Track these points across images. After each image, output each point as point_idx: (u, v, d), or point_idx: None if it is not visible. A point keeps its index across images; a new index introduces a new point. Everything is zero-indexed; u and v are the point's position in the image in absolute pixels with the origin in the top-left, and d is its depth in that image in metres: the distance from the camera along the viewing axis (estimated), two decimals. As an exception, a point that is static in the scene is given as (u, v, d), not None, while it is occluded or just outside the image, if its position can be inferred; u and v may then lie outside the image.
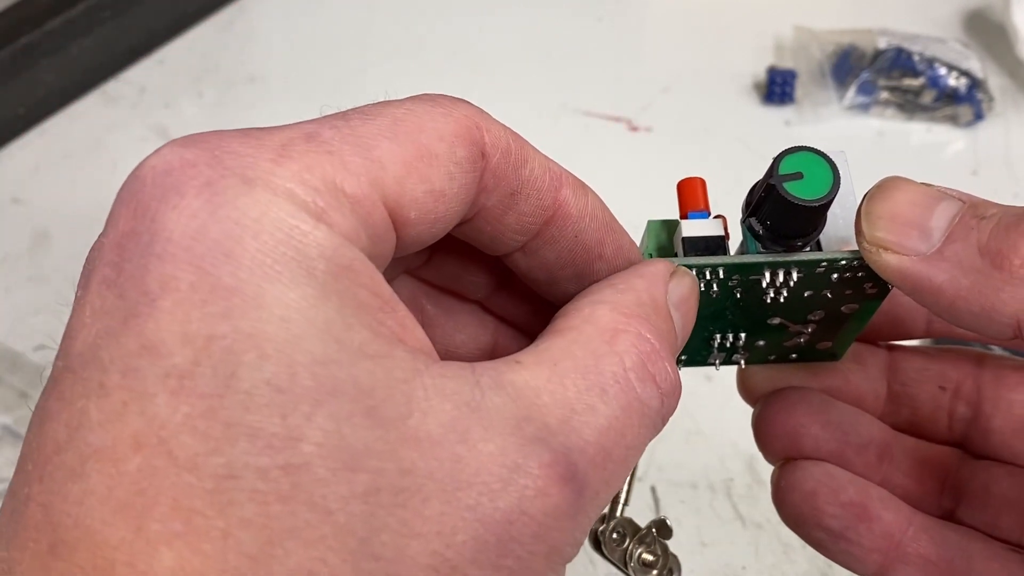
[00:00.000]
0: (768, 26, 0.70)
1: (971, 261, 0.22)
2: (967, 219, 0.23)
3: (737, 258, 0.24)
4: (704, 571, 0.46)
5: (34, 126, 0.64)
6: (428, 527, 0.17)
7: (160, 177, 0.18)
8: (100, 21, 0.65)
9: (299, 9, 0.72)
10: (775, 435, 0.29)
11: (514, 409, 0.18)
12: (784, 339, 0.28)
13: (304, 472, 0.16)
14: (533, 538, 0.17)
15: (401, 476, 0.17)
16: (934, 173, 0.71)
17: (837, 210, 0.25)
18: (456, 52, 0.69)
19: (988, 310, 0.22)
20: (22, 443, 0.17)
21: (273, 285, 0.17)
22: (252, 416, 0.16)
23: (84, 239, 0.68)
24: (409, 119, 0.20)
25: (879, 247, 0.23)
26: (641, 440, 0.20)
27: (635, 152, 0.63)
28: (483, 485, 0.17)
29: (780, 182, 0.23)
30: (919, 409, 0.29)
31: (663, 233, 0.26)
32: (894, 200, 0.23)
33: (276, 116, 0.73)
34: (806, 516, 0.28)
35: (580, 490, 0.18)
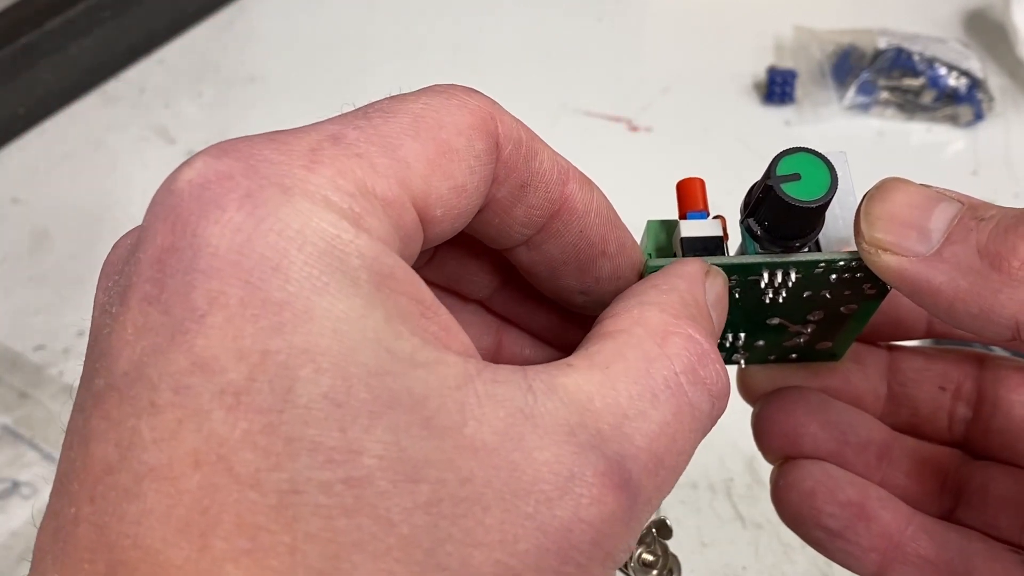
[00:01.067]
0: (768, 26, 0.70)
1: (970, 262, 0.22)
2: (966, 220, 0.23)
3: (735, 258, 0.24)
4: (704, 571, 0.46)
5: (34, 126, 0.64)
6: (490, 536, 0.17)
7: (197, 190, 0.18)
8: (100, 21, 0.65)
9: (299, 9, 0.72)
10: (774, 434, 0.29)
11: (567, 414, 0.18)
12: (784, 339, 0.28)
13: (366, 485, 0.16)
14: (591, 545, 0.18)
15: (461, 486, 0.17)
16: (934, 173, 0.71)
17: (837, 210, 0.25)
18: (456, 52, 0.69)
19: (987, 311, 0.22)
20: (58, 463, 0.17)
21: (322, 297, 0.17)
22: (312, 430, 0.16)
23: (84, 239, 0.68)
24: (428, 115, 0.20)
25: (878, 248, 0.23)
26: (691, 444, 0.20)
27: (635, 152, 0.63)
28: (541, 493, 0.17)
29: (778, 183, 0.23)
30: (919, 409, 0.29)
31: (662, 233, 0.26)
32: (893, 201, 0.23)
33: (276, 116, 0.74)
34: (805, 515, 0.28)
35: (634, 497, 0.18)
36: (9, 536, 0.47)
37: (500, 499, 0.17)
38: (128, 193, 0.61)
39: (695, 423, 0.20)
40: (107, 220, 0.60)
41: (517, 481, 0.17)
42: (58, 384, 0.52)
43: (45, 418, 0.50)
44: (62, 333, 0.54)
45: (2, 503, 0.48)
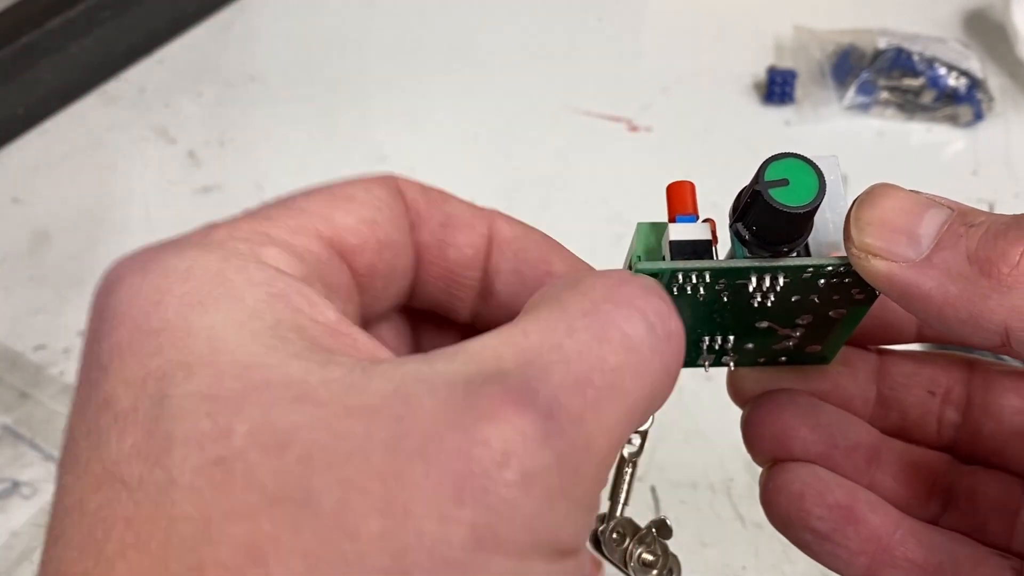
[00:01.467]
0: (768, 26, 0.70)
1: (959, 268, 0.22)
2: (956, 226, 0.23)
3: (723, 263, 0.24)
4: (704, 571, 0.46)
5: (34, 126, 0.64)
6: (373, 481, 0.16)
7: (108, 277, 0.20)
8: (100, 21, 0.65)
9: (299, 9, 0.72)
10: (763, 437, 0.29)
11: (466, 369, 0.17)
12: (773, 342, 0.28)
13: (237, 459, 0.17)
14: (498, 466, 0.16)
15: (336, 440, 0.17)
16: (934, 173, 0.71)
17: (828, 214, 0.25)
18: (456, 52, 0.69)
19: (976, 317, 0.22)
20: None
21: (201, 316, 0.18)
22: (184, 424, 0.17)
23: (84, 239, 0.68)
24: (322, 188, 0.22)
25: (868, 253, 0.23)
26: (629, 366, 0.18)
27: (635, 152, 0.63)
28: (429, 431, 0.17)
29: (765, 188, 0.23)
30: (908, 413, 0.29)
31: (651, 236, 0.26)
32: (883, 207, 0.23)
33: (276, 116, 0.74)
34: (793, 517, 0.28)
35: (548, 414, 0.17)
36: (9, 536, 0.47)
37: (383, 446, 0.16)
38: (128, 193, 0.61)
39: (629, 343, 0.19)
40: (107, 220, 0.60)
41: (402, 427, 0.17)
42: (58, 384, 0.52)
43: (45, 418, 0.51)
44: (62, 333, 0.54)
45: (2, 503, 0.48)
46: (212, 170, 0.62)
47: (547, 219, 0.63)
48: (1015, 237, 0.22)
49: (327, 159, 0.63)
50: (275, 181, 0.62)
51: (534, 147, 0.64)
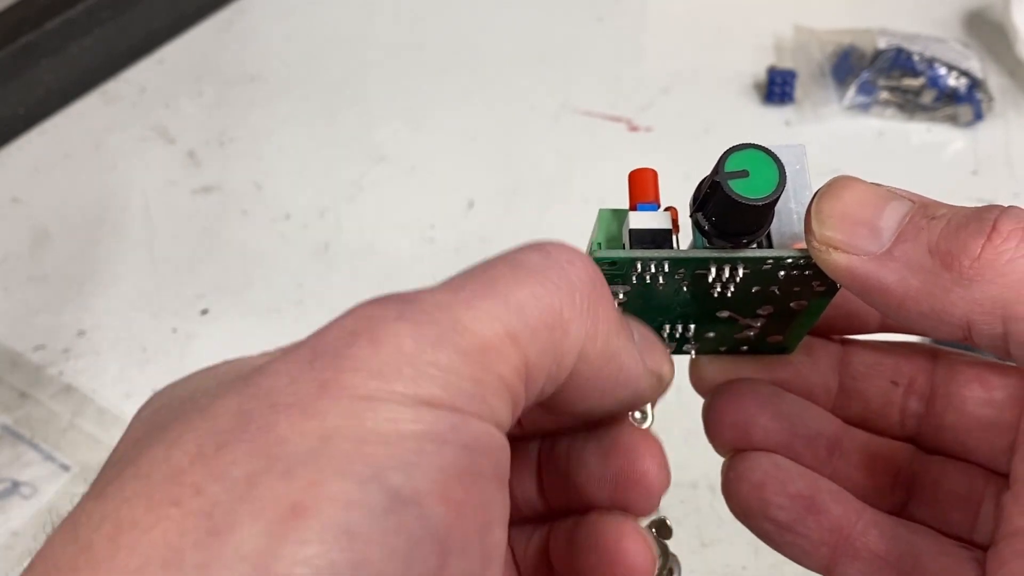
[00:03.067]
0: (768, 26, 0.70)
1: (921, 261, 0.22)
2: (917, 219, 0.23)
3: (681, 252, 0.24)
4: (704, 571, 0.46)
5: (34, 126, 0.64)
6: (295, 411, 0.17)
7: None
8: (100, 21, 0.65)
9: (299, 9, 0.72)
10: (724, 425, 0.28)
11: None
12: (734, 331, 0.28)
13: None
14: (364, 376, 0.18)
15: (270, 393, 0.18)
16: (934, 173, 0.71)
17: (792, 205, 0.25)
18: (456, 52, 0.69)
19: (938, 311, 0.22)
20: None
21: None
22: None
23: (84, 239, 0.68)
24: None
25: (828, 246, 0.23)
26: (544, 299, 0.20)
27: (635, 152, 0.63)
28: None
29: (725, 179, 0.23)
30: (870, 403, 0.28)
31: (613, 223, 0.26)
32: (844, 199, 0.23)
33: (276, 116, 0.74)
34: (754, 507, 0.27)
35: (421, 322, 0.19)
36: (9, 536, 0.47)
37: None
38: (128, 193, 0.61)
39: (518, 268, 0.20)
40: (107, 220, 0.60)
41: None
42: (58, 384, 0.52)
43: (45, 418, 0.50)
44: (62, 333, 0.54)
45: (2, 503, 0.48)
46: (212, 170, 0.62)
47: (547, 219, 0.64)
48: (976, 229, 0.22)
49: (327, 159, 0.63)
50: (275, 181, 0.62)
51: (534, 147, 0.64)
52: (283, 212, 0.60)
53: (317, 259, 0.58)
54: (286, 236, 0.59)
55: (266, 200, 0.61)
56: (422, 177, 0.62)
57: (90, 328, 0.54)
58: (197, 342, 0.54)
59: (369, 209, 0.60)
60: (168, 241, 0.59)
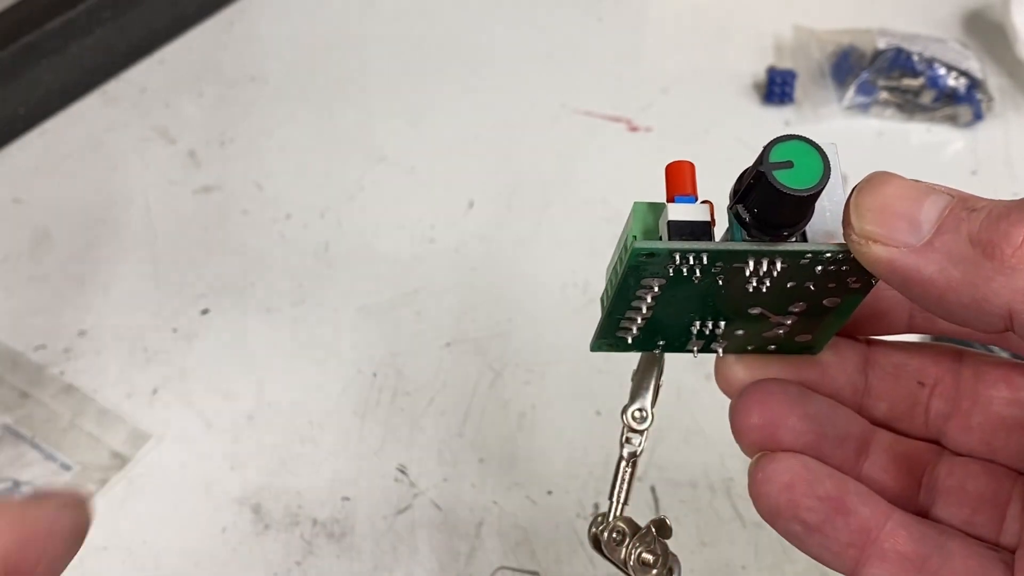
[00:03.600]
0: (768, 26, 0.70)
1: (961, 252, 0.22)
2: (957, 211, 0.23)
3: (722, 245, 0.24)
4: (704, 571, 0.46)
5: (34, 126, 0.64)
6: None
7: None
8: (100, 21, 0.65)
9: (299, 9, 0.72)
10: (751, 426, 0.28)
11: None
12: (763, 329, 0.28)
13: None
14: None
15: None
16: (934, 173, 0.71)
17: (825, 202, 0.25)
18: (456, 52, 0.69)
19: (979, 300, 0.22)
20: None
21: None
22: None
23: (84, 239, 0.68)
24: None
25: (868, 239, 0.23)
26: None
27: (635, 152, 0.63)
28: None
29: (770, 170, 0.23)
30: (896, 404, 0.29)
31: (650, 216, 0.26)
32: (883, 193, 0.23)
33: (276, 116, 0.74)
34: (782, 508, 0.27)
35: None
36: (10, 536, 0.47)
37: None
38: (128, 193, 0.61)
39: None
40: (107, 220, 0.60)
41: None
42: (59, 384, 0.52)
43: (46, 418, 0.51)
44: (62, 333, 0.54)
45: (3, 503, 0.48)
46: (212, 170, 0.62)
47: (547, 219, 0.64)
48: (1017, 219, 0.22)
49: (327, 159, 0.63)
50: (275, 181, 0.62)
51: (534, 147, 0.64)
52: (283, 212, 0.60)
53: (317, 259, 0.58)
54: (286, 236, 0.59)
55: (266, 200, 0.61)
56: (422, 177, 0.62)
57: (91, 328, 0.55)
58: (198, 342, 0.54)
59: (369, 209, 0.60)
60: (168, 241, 0.59)
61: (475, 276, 0.57)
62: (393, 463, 0.50)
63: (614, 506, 0.31)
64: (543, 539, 0.47)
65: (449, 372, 0.53)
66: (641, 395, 0.31)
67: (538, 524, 0.47)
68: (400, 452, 0.50)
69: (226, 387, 0.52)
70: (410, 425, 0.51)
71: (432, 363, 0.53)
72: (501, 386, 0.52)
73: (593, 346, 0.30)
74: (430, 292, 0.56)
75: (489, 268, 0.57)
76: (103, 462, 0.49)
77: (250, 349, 0.54)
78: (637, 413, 0.31)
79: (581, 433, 0.50)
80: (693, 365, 0.31)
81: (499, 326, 0.54)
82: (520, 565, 0.46)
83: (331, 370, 0.53)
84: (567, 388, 0.52)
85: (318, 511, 0.48)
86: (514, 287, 0.56)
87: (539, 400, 0.51)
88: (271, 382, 0.53)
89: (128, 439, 0.50)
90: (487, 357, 0.53)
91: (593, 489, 0.48)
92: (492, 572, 0.46)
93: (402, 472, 0.49)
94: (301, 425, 0.51)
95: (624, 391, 0.31)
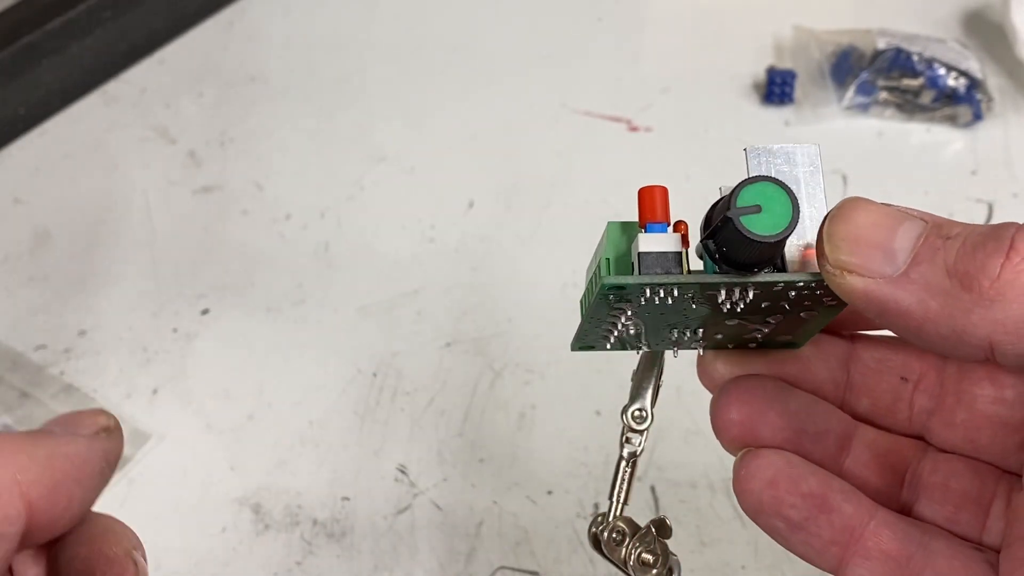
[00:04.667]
0: (768, 26, 0.70)
1: (939, 283, 0.22)
2: (932, 239, 0.22)
3: (692, 277, 0.24)
4: (704, 571, 0.46)
5: (34, 126, 0.64)
6: None
7: None
8: (100, 21, 0.65)
9: (299, 9, 0.72)
10: (731, 422, 0.28)
11: None
12: (743, 332, 0.28)
13: None
14: None
15: None
16: (933, 173, 0.71)
17: (806, 209, 0.25)
18: (456, 52, 0.69)
19: (959, 332, 0.22)
20: None
21: None
22: None
23: (84, 239, 0.68)
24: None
25: (842, 269, 0.23)
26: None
27: (635, 152, 0.63)
28: None
29: (737, 215, 0.22)
30: (879, 399, 0.29)
31: (622, 238, 0.26)
32: (856, 222, 0.23)
33: (276, 116, 0.74)
34: (765, 505, 0.27)
35: None
36: (10, 535, 0.47)
37: None
38: (128, 193, 0.61)
39: None
40: (108, 220, 0.60)
41: None
42: (59, 384, 0.52)
43: (46, 418, 0.51)
44: (62, 333, 0.54)
45: None
46: (212, 170, 0.62)
47: (547, 219, 0.64)
48: (994, 249, 0.22)
49: (327, 159, 0.63)
50: (275, 181, 0.62)
51: (534, 147, 0.64)
52: (283, 212, 0.60)
53: (317, 259, 0.58)
54: (286, 236, 0.59)
55: (266, 200, 0.61)
56: (422, 177, 0.62)
57: (91, 328, 0.55)
58: (198, 342, 0.54)
59: (369, 209, 0.60)
60: (168, 241, 0.59)
61: (475, 276, 0.57)
62: (393, 463, 0.50)
63: (614, 506, 0.31)
64: (543, 539, 0.47)
65: (449, 372, 0.53)
66: (641, 395, 0.31)
67: (538, 524, 0.47)
68: (400, 452, 0.50)
69: (226, 387, 0.52)
70: (410, 425, 0.51)
71: (432, 363, 0.53)
72: (501, 386, 0.52)
73: (573, 346, 0.30)
74: (430, 292, 0.56)
75: (489, 268, 0.57)
76: (103, 462, 0.49)
77: (250, 349, 0.54)
78: (637, 413, 0.31)
79: (581, 433, 0.50)
80: (693, 365, 0.31)
81: (499, 326, 0.54)
82: (520, 565, 0.46)
83: (331, 370, 0.53)
84: (567, 388, 0.52)
85: (318, 511, 0.48)
86: (514, 287, 0.56)
87: (539, 400, 0.52)
88: (271, 382, 0.53)
89: (128, 439, 0.50)
90: (487, 357, 0.53)
91: (593, 489, 0.48)
92: (492, 572, 0.46)
93: (402, 472, 0.49)
94: (301, 425, 0.51)
95: (624, 391, 0.31)
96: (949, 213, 0.61)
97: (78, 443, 0.25)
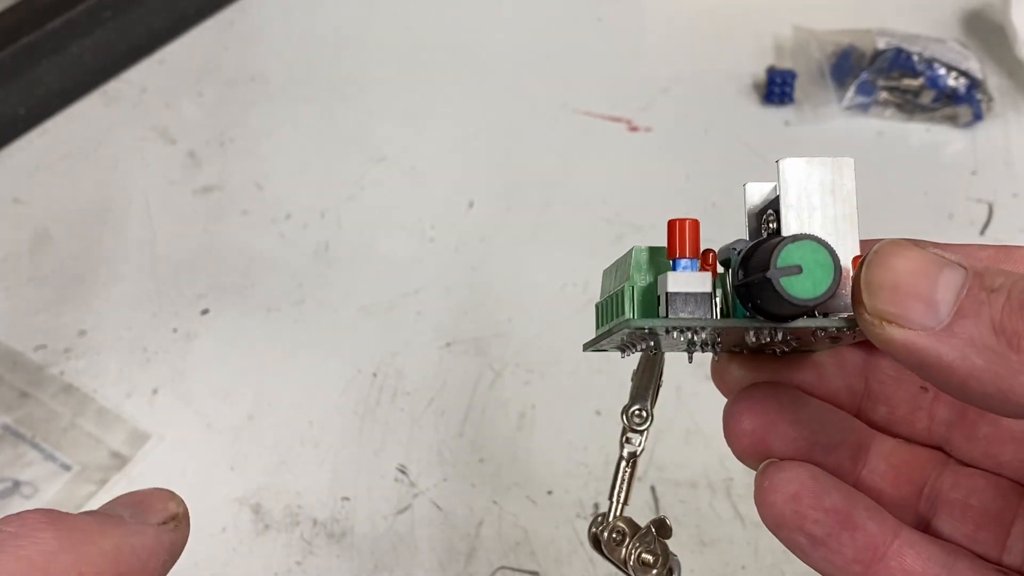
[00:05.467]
0: (768, 26, 0.70)
1: (985, 340, 0.21)
2: (976, 291, 0.21)
3: (724, 323, 0.23)
4: (704, 571, 0.46)
5: (35, 126, 0.64)
6: None
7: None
8: (101, 21, 0.65)
9: (299, 9, 0.72)
10: (742, 432, 0.28)
11: None
12: (763, 348, 0.28)
13: None
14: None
15: None
16: (933, 173, 0.71)
17: (836, 216, 0.24)
18: (456, 52, 0.69)
19: (1005, 391, 0.21)
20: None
21: None
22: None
23: (84, 239, 0.68)
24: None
25: (882, 319, 0.22)
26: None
27: (635, 152, 0.63)
28: None
29: (777, 277, 0.22)
30: (896, 408, 0.28)
31: (650, 268, 0.25)
32: (894, 269, 0.22)
33: (276, 116, 0.74)
34: (788, 519, 0.26)
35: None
36: (10, 536, 0.47)
37: None
38: (128, 193, 0.61)
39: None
40: (107, 220, 0.60)
41: None
42: (59, 384, 0.52)
43: (46, 417, 0.51)
44: (62, 333, 0.54)
45: (3, 503, 0.48)
46: (212, 170, 0.62)
47: (547, 219, 0.64)
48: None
49: (327, 159, 0.63)
50: (275, 181, 0.62)
51: (534, 147, 0.64)
52: (283, 212, 0.60)
53: (317, 259, 0.58)
54: (286, 236, 0.59)
55: (266, 200, 0.61)
56: (422, 177, 0.62)
57: (91, 328, 0.55)
58: (197, 342, 0.54)
59: (369, 209, 0.60)
60: (168, 241, 0.59)
61: (475, 276, 0.57)
62: (393, 463, 0.50)
63: (614, 506, 0.31)
64: (543, 539, 0.47)
65: (449, 372, 0.53)
66: (641, 395, 0.31)
67: (538, 524, 0.47)
68: (400, 452, 0.50)
69: (226, 387, 0.52)
70: (410, 425, 0.51)
71: (432, 363, 0.53)
72: (501, 386, 0.52)
73: (586, 348, 0.30)
74: (430, 292, 0.56)
75: (489, 268, 0.57)
76: (103, 462, 0.49)
77: (250, 349, 0.54)
78: (637, 413, 0.31)
79: (581, 433, 0.50)
80: (693, 366, 0.31)
81: (499, 326, 0.54)
82: (520, 565, 0.46)
83: (331, 370, 0.53)
84: (567, 388, 0.52)
85: (318, 511, 0.48)
86: (514, 287, 0.56)
87: (539, 400, 0.52)
88: (271, 382, 0.53)
89: (128, 439, 0.50)
90: (487, 357, 0.53)
91: (593, 489, 0.48)
92: (492, 572, 0.46)
93: (402, 472, 0.49)
94: (301, 425, 0.51)
95: (624, 391, 0.31)
96: (949, 213, 0.61)
97: (146, 534, 0.24)
